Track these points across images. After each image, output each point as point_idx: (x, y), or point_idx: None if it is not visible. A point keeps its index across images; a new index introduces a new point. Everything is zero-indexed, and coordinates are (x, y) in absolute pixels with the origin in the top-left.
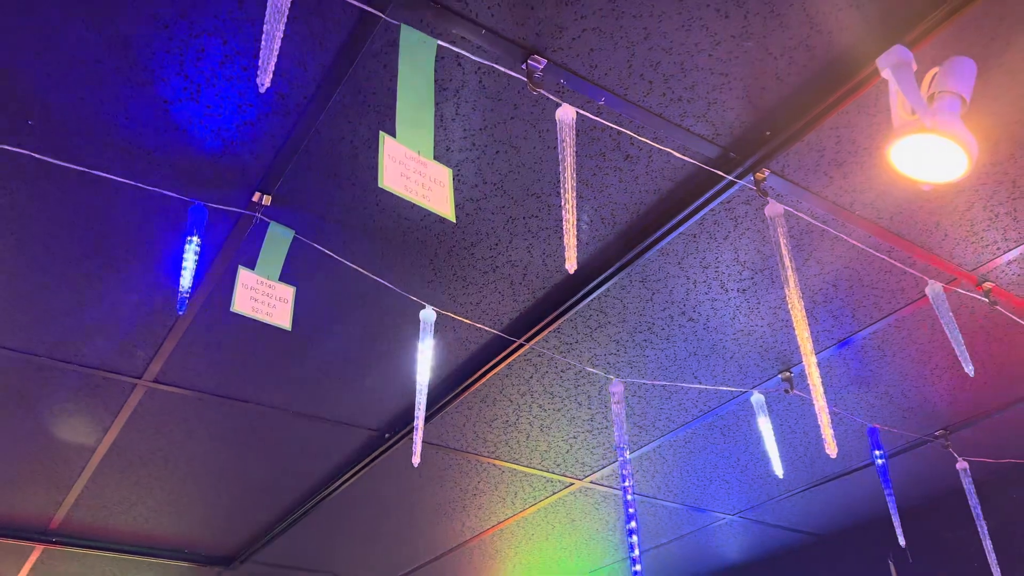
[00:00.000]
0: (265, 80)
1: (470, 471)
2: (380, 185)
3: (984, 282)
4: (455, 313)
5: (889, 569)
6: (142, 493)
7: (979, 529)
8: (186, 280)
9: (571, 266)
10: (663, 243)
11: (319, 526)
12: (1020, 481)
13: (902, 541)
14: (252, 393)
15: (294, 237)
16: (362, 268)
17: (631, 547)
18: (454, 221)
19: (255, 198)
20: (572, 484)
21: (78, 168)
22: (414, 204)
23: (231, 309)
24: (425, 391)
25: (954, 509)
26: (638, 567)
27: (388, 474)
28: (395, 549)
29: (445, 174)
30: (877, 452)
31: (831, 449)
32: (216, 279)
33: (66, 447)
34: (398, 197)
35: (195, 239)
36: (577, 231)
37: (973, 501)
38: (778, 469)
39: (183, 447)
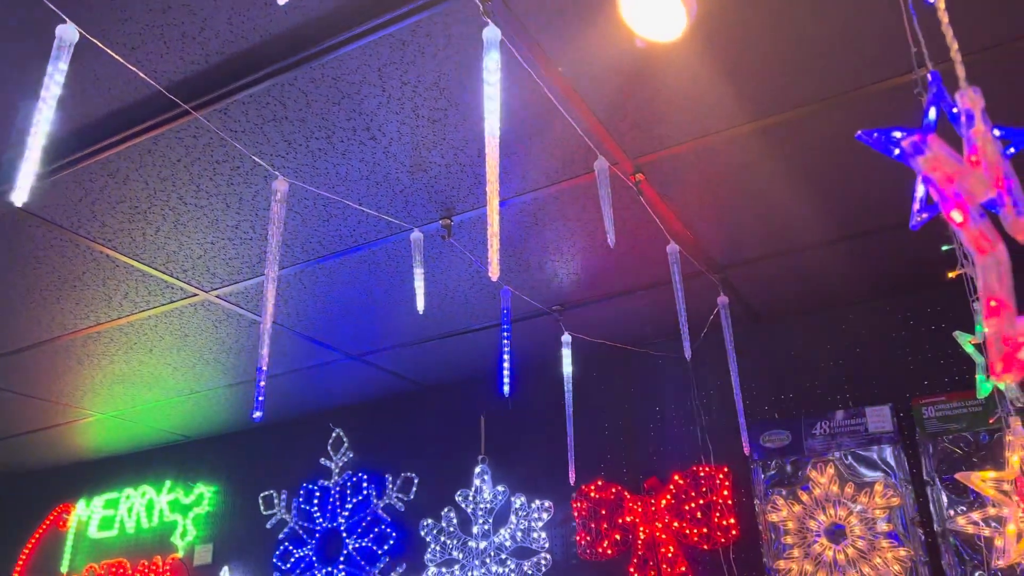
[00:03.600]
0: None
1: (75, 257)
2: None
3: (638, 172)
4: (105, 47)
5: (480, 424)
6: None
7: (566, 396)
8: None
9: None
10: (371, 39)
11: None
12: (606, 359)
13: (506, 393)
14: None
15: None
16: None
17: (259, 371)
18: None
19: None
20: (196, 295)
21: None
22: None
23: None
24: (46, 118)
25: (550, 377)
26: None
27: None
28: None
29: None
30: (505, 310)
31: (494, 272)
32: None
33: None
34: None
35: None
36: None
37: (566, 371)
38: (420, 305)
39: None
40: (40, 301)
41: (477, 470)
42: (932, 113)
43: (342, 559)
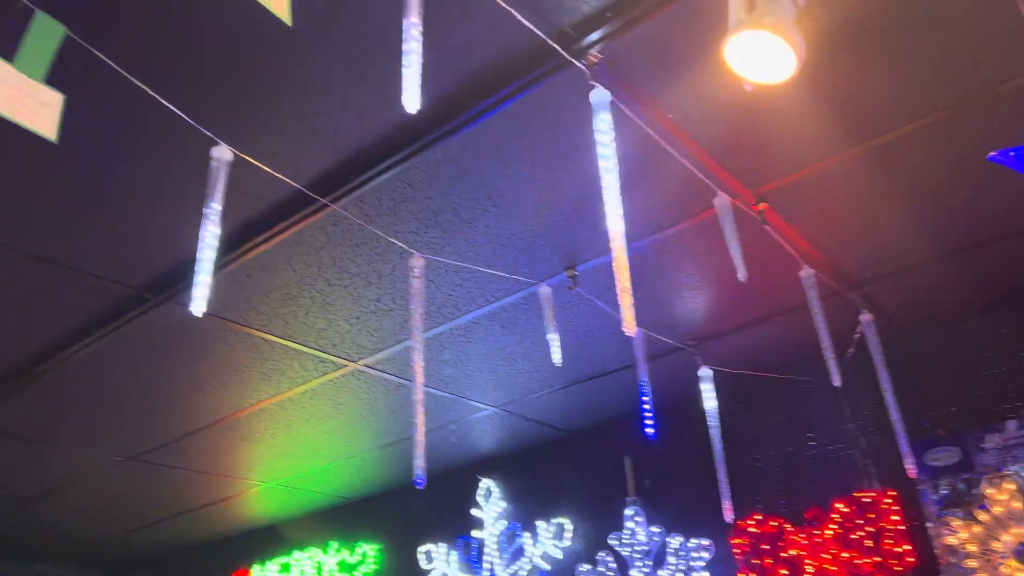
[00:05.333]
0: None
1: (236, 344)
2: None
3: (760, 202)
4: (252, 158)
5: (625, 466)
6: None
7: (711, 429)
8: None
9: (412, 105)
10: (487, 117)
11: (51, 392)
12: (750, 390)
13: (652, 434)
14: None
15: (65, 35)
16: (147, 87)
17: (415, 430)
18: (289, 24)
19: None
20: (345, 366)
21: None
22: (218, 23)
23: None
24: (214, 233)
25: (692, 413)
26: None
27: (142, 340)
28: (137, 423)
29: None
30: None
31: (630, 327)
32: None
33: None
34: (199, 12)
35: None
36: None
37: (709, 406)
38: (557, 357)
39: None
40: (208, 387)
41: (629, 512)
42: None
43: None
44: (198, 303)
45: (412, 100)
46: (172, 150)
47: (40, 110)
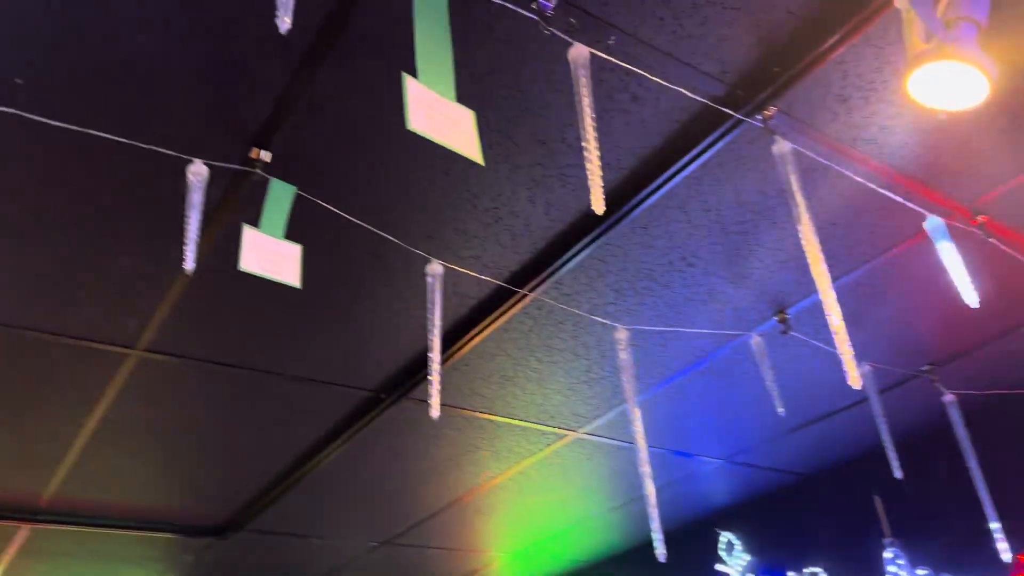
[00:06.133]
0: (286, 20)
1: (464, 428)
2: (408, 127)
3: (978, 215)
4: (459, 266)
5: (875, 506)
6: (132, 466)
7: (967, 460)
8: (191, 239)
9: (599, 207)
10: (667, 187)
11: (312, 491)
12: (1006, 411)
13: (898, 474)
14: (247, 358)
15: (296, 193)
16: (365, 223)
17: (646, 494)
18: (483, 164)
19: (253, 154)
20: (566, 436)
21: (69, 127)
22: (415, 158)
23: (239, 267)
24: (439, 344)
25: (942, 442)
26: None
27: (383, 435)
28: (387, 510)
29: (469, 116)
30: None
31: (855, 382)
32: (208, 240)
33: (55, 422)
34: (400, 152)
35: (196, 198)
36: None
37: (960, 433)
38: (779, 406)
39: (174, 417)
40: (444, 470)
41: (888, 555)
42: None
43: None
44: (434, 407)
45: (598, 202)
46: (390, 268)
47: (285, 263)
